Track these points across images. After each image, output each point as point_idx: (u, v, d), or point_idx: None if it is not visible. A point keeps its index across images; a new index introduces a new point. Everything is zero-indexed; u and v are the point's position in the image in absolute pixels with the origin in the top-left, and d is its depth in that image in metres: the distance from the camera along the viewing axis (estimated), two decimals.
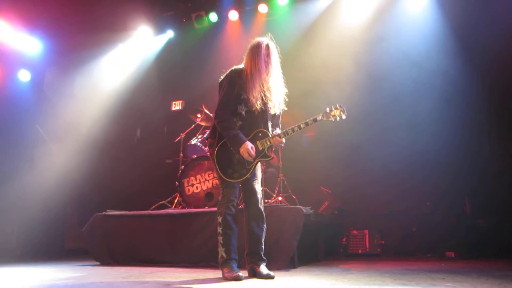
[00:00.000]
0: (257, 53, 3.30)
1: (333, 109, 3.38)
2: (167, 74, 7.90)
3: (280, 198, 5.60)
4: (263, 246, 3.27)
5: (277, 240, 3.92)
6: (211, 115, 5.89)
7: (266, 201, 5.36)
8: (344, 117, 3.37)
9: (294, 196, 5.73)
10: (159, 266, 4.24)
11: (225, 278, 3.07)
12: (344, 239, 5.72)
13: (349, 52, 6.39)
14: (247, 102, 3.29)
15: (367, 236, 5.56)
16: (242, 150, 3.20)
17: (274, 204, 5.21)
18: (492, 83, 5.58)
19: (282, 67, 3.50)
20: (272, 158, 3.49)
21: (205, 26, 7.52)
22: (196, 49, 7.54)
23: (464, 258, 4.74)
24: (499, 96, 5.53)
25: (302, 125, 3.31)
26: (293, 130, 3.30)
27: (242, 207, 3.43)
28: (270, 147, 3.35)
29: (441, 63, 5.83)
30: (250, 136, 3.32)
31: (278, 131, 3.45)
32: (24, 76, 7.90)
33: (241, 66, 3.38)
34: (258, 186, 3.37)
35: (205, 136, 5.70)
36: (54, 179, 6.91)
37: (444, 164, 5.69)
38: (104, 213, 4.97)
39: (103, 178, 7.36)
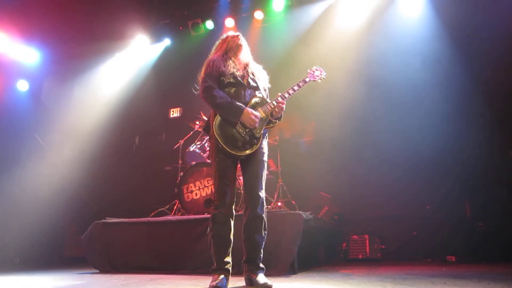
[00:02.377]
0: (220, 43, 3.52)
1: (314, 70, 3.47)
2: (165, 81, 7.93)
3: (279, 204, 5.60)
4: (261, 255, 3.11)
5: (277, 245, 3.90)
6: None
7: (266, 206, 5.35)
8: (324, 76, 3.48)
9: (293, 202, 5.73)
10: (159, 273, 4.21)
11: (209, 285, 2.93)
12: (344, 244, 5.70)
13: (345, 57, 6.42)
14: (228, 74, 3.21)
15: (367, 241, 5.55)
16: (243, 118, 3.06)
17: (273, 209, 5.20)
18: (493, 87, 5.59)
19: (279, 72, 3.50)
20: (277, 122, 3.30)
21: (202, 34, 7.59)
22: (193, 56, 7.54)
23: (465, 262, 4.72)
24: (499, 100, 5.54)
25: (295, 87, 3.29)
26: (288, 93, 3.25)
27: (242, 212, 3.25)
28: (272, 113, 3.21)
29: (440, 67, 5.85)
30: (249, 105, 3.17)
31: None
32: (22, 86, 7.92)
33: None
34: (261, 186, 3.16)
35: (203, 142, 5.70)
36: (53, 187, 6.91)
37: (443, 168, 5.69)
38: (103, 220, 4.95)
39: (102, 186, 7.36)
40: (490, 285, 2.77)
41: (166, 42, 8.01)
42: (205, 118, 5.88)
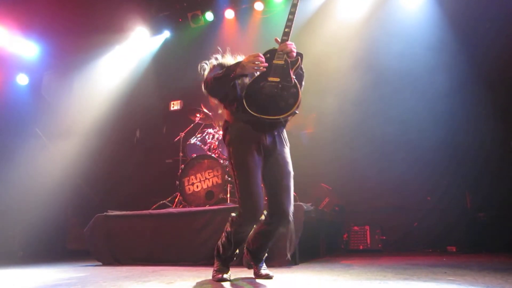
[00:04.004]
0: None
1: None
2: (165, 74, 7.91)
3: None
4: (267, 252, 3.06)
5: (278, 237, 3.91)
6: (210, 114, 5.90)
7: (265, 198, 5.37)
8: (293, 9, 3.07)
9: (294, 193, 5.73)
10: (161, 265, 4.24)
11: (212, 276, 2.93)
12: (345, 235, 5.73)
13: (346, 48, 6.39)
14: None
15: (368, 232, 5.57)
16: (244, 62, 2.68)
17: None
18: (495, 78, 5.57)
19: None
20: (299, 58, 2.88)
21: (202, 25, 7.55)
22: (193, 48, 7.54)
23: (465, 252, 4.75)
24: (501, 91, 5.52)
25: (290, 16, 2.99)
26: (288, 27, 2.94)
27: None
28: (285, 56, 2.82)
29: (441, 59, 5.81)
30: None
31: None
32: (22, 80, 7.92)
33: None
34: (291, 189, 2.82)
35: (204, 134, 5.70)
36: (54, 181, 6.93)
37: (444, 159, 5.69)
38: (105, 213, 4.97)
39: (103, 179, 7.39)
40: (490, 274, 2.78)
41: (166, 34, 7.98)
42: (206, 111, 5.86)
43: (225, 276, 2.89)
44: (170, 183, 5.97)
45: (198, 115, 6.00)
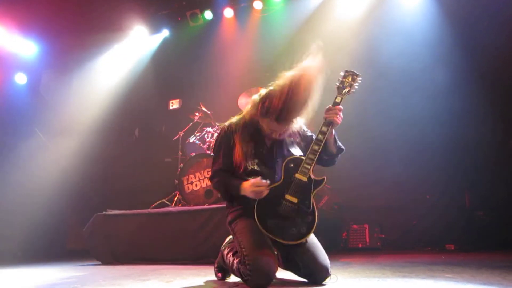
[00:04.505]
0: None
1: (343, 79, 2.82)
2: (164, 73, 7.91)
3: None
4: None
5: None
6: (209, 113, 5.91)
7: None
8: (359, 80, 2.83)
9: None
10: (160, 264, 4.25)
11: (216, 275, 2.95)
12: (344, 234, 5.74)
13: (345, 47, 6.38)
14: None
15: (367, 230, 5.58)
16: (247, 191, 2.43)
17: None
18: (495, 77, 5.57)
19: (278, 63, 3.45)
20: (324, 179, 2.78)
21: (200, 24, 7.52)
22: (192, 47, 7.54)
23: (464, 251, 4.75)
24: (499, 90, 5.53)
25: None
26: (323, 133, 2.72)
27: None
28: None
29: (440, 58, 5.81)
30: (282, 179, 2.55)
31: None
32: (20, 79, 7.90)
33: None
34: (320, 246, 2.64)
35: (203, 133, 5.71)
36: (53, 180, 6.91)
37: (444, 158, 5.69)
38: (104, 212, 4.98)
39: (102, 178, 7.38)
40: (488, 272, 2.80)
41: (165, 33, 7.96)
42: (204, 109, 5.87)
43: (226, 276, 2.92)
44: (169, 182, 5.98)
45: (197, 113, 6.01)
